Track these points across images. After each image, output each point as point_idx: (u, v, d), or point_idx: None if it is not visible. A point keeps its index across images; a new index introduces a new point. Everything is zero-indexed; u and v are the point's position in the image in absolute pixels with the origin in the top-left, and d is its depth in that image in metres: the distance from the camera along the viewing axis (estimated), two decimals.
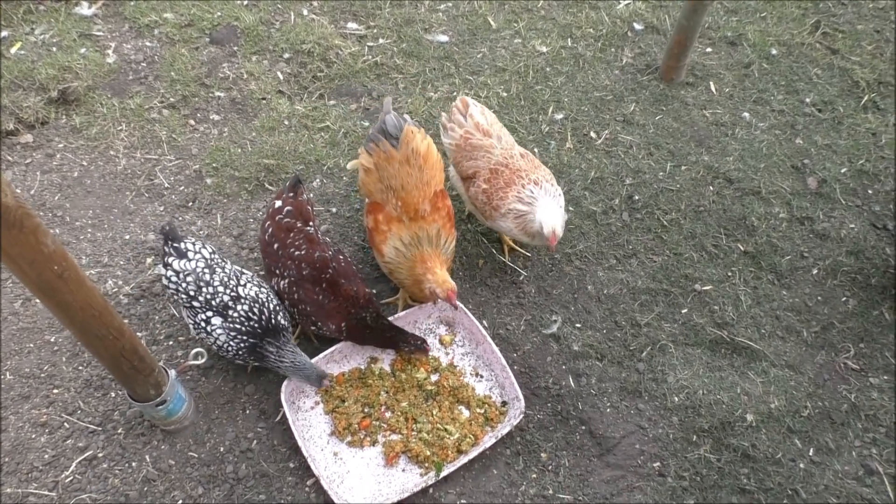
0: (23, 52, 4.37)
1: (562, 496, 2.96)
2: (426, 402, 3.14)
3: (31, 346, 3.27)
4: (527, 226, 3.20)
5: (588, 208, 3.87)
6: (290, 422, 2.92)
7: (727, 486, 3.01)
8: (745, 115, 4.36)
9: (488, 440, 2.98)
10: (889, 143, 4.23)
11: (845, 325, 3.51)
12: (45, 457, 2.96)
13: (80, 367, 3.21)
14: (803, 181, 4.06)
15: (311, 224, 3.22)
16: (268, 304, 2.94)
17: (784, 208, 3.92)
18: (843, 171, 4.10)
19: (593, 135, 4.23)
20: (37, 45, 4.44)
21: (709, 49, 4.72)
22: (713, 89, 4.49)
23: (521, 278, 3.61)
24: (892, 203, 3.97)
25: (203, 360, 3.03)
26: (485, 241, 3.74)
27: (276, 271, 3.14)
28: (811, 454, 3.11)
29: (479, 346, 3.28)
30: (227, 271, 2.96)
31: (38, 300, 2.83)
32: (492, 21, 4.82)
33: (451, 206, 3.25)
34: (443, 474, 2.90)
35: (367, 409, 3.10)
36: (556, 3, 4.96)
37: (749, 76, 4.57)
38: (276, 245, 3.14)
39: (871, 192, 4.02)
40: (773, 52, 4.69)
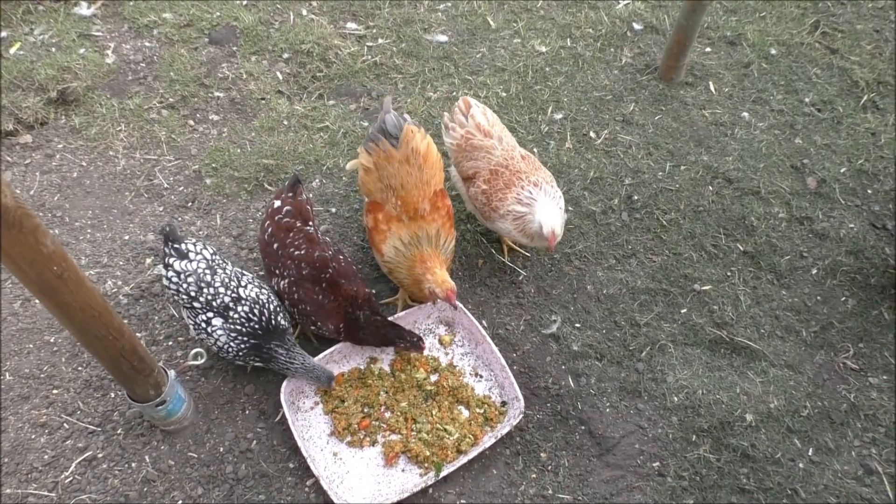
0: (22, 52, 4.37)
1: (561, 496, 2.96)
2: (426, 402, 3.14)
3: (31, 346, 3.27)
4: (526, 227, 3.20)
5: (587, 208, 3.87)
6: (290, 422, 2.92)
7: (727, 486, 3.01)
8: (745, 114, 4.36)
9: (488, 440, 2.98)
10: (888, 142, 4.23)
11: (845, 325, 3.51)
12: (45, 457, 2.96)
13: (80, 368, 3.21)
14: (803, 181, 4.06)
15: (311, 224, 3.22)
16: (268, 305, 2.94)
17: (783, 208, 3.93)
18: (842, 170, 4.10)
19: (592, 135, 4.23)
20: (36, 45, 4.44)
21: (708, 49, 4.73)
22: (712, 89, 4.49)
23: (520, 278, 3.61)
24: (891, 203, 3.97)
25: (202, 360, 3.03)
26: (484, 241, 3.74)
27: (275, 271, 3.14)
28: (810, 454, 3.12)
29: (479, 346, 3.28)
30: (228, 272, 2.96)
31: (38, 300, 2.83)
32: (491, 21, 4.82)
33: (450, 206, 3.25)
34: (442, 474, 2.90)
35: (366, 410, 3.10)
36: (555, 3, 4.96)
37: (748, 76, 4.57)
38: (275, 245, 3.14)
39: (870, 191, 4.02)
40: (773, 51, 4.69)
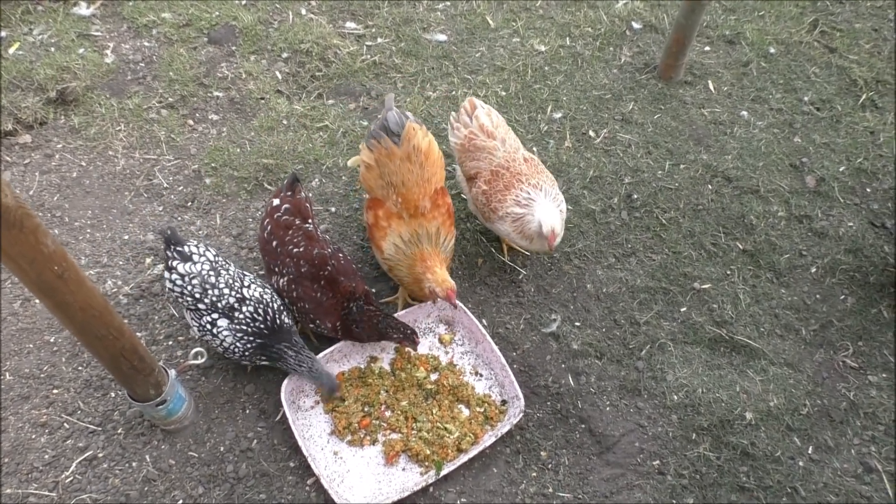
0: (21, 52, 4.37)
1: (561, 494, 2.97)
2: (426, 400, 3.14)
3: (31, 346, 3.27)
4: (524, 228, 3.20)
5: (587, 207, 3.88)
6: (290, 421, 2.92)
7: (726, 484, 3.02)
8: (744, 113, 4.37)
9: (488, 439, 2.99)
10: (887, 141, 4.24)
11: (844, 324, 3.52)
12: (46, 457, 2.96)
13: (80, 368, 3.21)
14: (802, 179, 4.07)
15: (310, 221, 3.22)
16: (272, 304, 2.96)
17: (782, 207, 3.93)
18: (841, 169, 4.10)
19: (592, 134, 4.23)
20: (35, 45, 4.44)
21: (707, 48, 4.73)
22: (711, 88, 4.50)
23: (520, 277, 3.61)
24: (890, 201, 3.97)
25: (203, 359, 3.03)
26: (484, 240, 3.74)
27: (275, 269, 3.14)
28: (810, 452, 3.12)
29: (479, 345, 3.29)
30: (232, 273, 2.97)
31: (38, 300, 2.83)
32: (490, 20, 4.83)
33: (451, 204, 3.26)
34: (443, 473, 2.91)
35: (366, 409, 3.10)
36: (554, 3, 4.96)
37: (747, 75, 4.57)
38: (274, 243, 3.14)
39: (869, 190, 4.03)
40: (772, 50, 4.70)
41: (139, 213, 3.77)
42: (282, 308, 3.00)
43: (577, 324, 3.46)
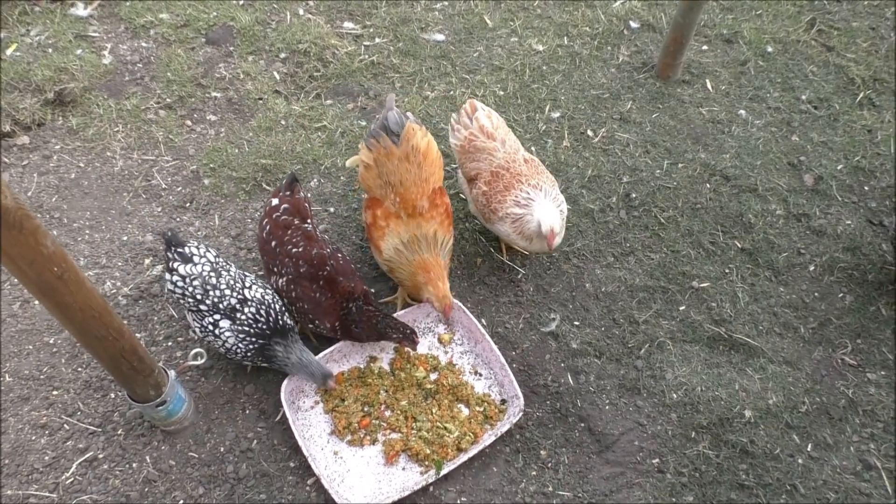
0: (18, 53, 4.37)
1: (561, 493, 2.97)
2: (426, 400, 3.14)
3: (31, 347, 3.27)
4: (524, 228, 3.20)
5: (585, 206, 3.88)
6: (290, 421, 2.93)
7: (726, 482, 3.02)
8: (742, 112, 4.38)
9: (488, 438, 2.99)
10: (885, 139, 4.24)
11: (842, 321, 3.53)
12: (46, 458, 2.96)
13: (80, 369, 3.21)
14: (800, 178, 4.07)
15: (309, 221, 3.22)
16: (274, 304, 2.96)
17: (781, 205, 3.94)
18: (839, 167, 4.11)
19: (590, 133, 4.24)
20: (32, 46, 4.43)
21: (705, 47, 4.74)
22: (709, 87, 4.50)
23: (519, 277, 3.62)
24: (888, 199, 3.98)
25: (202, 360, 3.03)
26: (483, 239, 3.74)
27: (274, 269, 3.14)
28: (809, 450, 3.13)
29: (478, 345, 3.29)
30: (233, 274, 2.97)
31: (38, 301, 2.83)
32: (488, 20, 4.83)
33: (449, 204, 3.26)
34: (443, 472, 2.91)
35: (366, 408, 3.10)
36: (552, 2, 4.96)
37: (745, 74, 4.58)
38: (273, 243, 3.14)
39: (867, 188, 4.04)
40: (769, 49, 4.71)
41: (138, 214, 3.77)
42: (283, 308, 3.01)
43: (576, 323, 3.47)
